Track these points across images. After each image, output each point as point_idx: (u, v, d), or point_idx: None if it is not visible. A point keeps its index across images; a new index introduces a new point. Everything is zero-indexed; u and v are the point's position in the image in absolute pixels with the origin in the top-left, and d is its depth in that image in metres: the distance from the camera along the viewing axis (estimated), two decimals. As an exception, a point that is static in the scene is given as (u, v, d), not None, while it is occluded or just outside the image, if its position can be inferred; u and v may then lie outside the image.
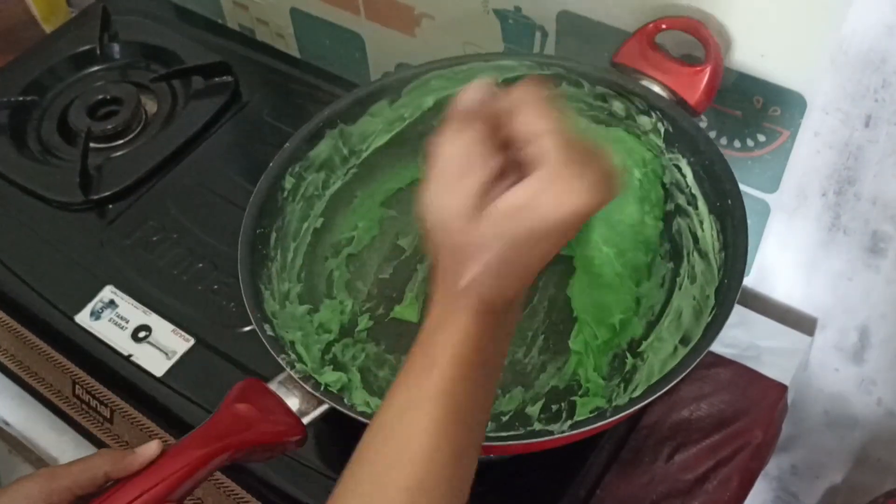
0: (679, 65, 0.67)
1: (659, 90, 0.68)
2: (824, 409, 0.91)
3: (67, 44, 1.00)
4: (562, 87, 0.72)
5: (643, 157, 0.70)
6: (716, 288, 0.62)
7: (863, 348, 0.82)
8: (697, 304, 0.64)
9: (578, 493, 0.70)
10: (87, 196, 0.85)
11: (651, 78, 0.68)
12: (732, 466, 0.74)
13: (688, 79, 0.67)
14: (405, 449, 0.42)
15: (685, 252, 0.69)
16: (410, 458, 0.42)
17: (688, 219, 0.68)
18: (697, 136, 0.66)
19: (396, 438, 0.43)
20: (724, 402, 0.78)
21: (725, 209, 0.63)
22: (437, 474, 0.42)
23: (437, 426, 0.42)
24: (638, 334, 0.68)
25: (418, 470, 0.42)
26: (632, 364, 0.66)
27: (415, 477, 0.41)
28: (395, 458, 0.42)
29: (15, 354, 0.83)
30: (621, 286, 0.69)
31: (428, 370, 0.43)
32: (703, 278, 0.65)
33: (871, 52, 0.61)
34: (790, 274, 0.81)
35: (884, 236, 0.72)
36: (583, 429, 0.55)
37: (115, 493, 0.51)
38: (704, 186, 0.66)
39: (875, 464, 0.92)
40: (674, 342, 0.64)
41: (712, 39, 0.66)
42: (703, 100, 0.67)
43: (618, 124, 0.72)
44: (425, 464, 0.42)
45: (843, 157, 0.69)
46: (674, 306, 0.67)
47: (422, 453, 0.42)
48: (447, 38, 0.85)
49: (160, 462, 0.52)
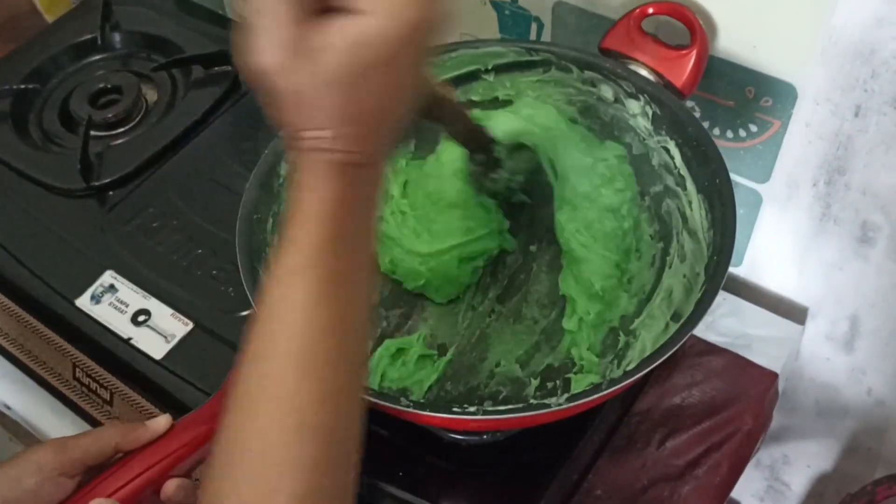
0: (666, 48, 0.68)
1: (646, 74, 0.69)
2: (815, 398, 0.92)
3: (69, 33, 1.01)
4: (551, 72, 0.73)
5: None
6: (705, 265, 0.63)
7: (853, 338, 0.83)
8: (688, 281, 0.65)
9: (570, 476, 0.71)
10: (88, 183, 0.86)
11: (638, 62, 0.69)
12: (723, 452, 0.75)
13: (674, 62, 0.68)
14: (284, 322, 0.41)
15: (674, 232, 0.70)
16: (291, 330, 0.41)
17: (677, 199, 0.69)
18: (685, 118, 0.67)
19: (275, 315, 0.41)
20: (716, 389, 0.79)
21: (713, 188, 0.64)
22: (317, 343, 0.41)
23: (310, 298, 0.41)
24: (630, 312, 0.69)
25: (300, 341, 0.41)
26: (624, 342, 0.67)
27: (297, 346, 0.41)
28: (277, 330, 0.41)
29: (16, 338, 0.84)
30: (593, 255, 0.70)
31: (294, 242, 0.41)
32: (692, 257, 0.66)
33: (861, 43, 0.62)
34: (781, 263, 0.82)
35: (873, 226, 0.73)
36: (579, 401, 0.55)
37: (125, 465, 0.52)
38: (692, 167, 0.67)
39: (865, 453, 0.93)
40: (665, 319, 0.65)
41: (697, 23, 0.67)
42: (690, 82, 0.68)
43: (606, 108, 0.73)
44: (305, 334, 0.41)
45: (834, 147, 0.70)
46: (664, 285, 0.68)
47: (299, 325, 0.41)
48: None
49: (169, 435, 0.53)
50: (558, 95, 0.75)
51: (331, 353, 0.41)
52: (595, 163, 0.73)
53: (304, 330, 0.41)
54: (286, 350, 0.41)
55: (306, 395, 0.40)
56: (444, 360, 0.69)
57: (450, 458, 0.70)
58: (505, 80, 0.76)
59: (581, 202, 0.72)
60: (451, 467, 0.70)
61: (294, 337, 0.41)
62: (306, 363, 0.41)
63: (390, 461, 0.69)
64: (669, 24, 0.69)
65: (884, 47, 0.62)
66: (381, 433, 0.70)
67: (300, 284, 0.41)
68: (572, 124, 0.74)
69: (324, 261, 0.41)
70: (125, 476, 0.51)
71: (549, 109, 0.74)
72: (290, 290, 0.41)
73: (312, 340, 0.41)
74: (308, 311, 0.41)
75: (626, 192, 0.72)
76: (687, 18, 0.67)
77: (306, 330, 0.41)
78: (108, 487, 0.51)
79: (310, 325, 0.41)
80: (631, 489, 0.73)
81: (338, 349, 0.42)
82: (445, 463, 0.70)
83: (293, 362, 0.40)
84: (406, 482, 0.68)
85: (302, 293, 0.41)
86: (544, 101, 0.75)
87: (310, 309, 0.41)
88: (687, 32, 0.68)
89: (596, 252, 0.70)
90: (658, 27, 0.70)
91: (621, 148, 0.73)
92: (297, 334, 0.41)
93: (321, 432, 0.40)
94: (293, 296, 0.41)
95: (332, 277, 0.41)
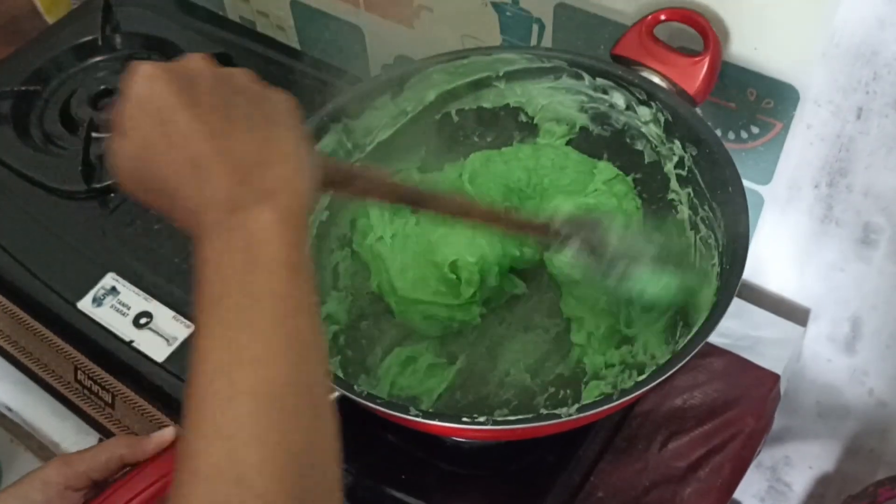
0: (678, 55, 0.68)
1: (659, 81, 0.68)
2: (817, 399, 0.92)
3: (70, 34, 1.01)
4: (563, 79, 0.73)
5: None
6: (718, 273, 0.63)
7: (855, 339, 0.83)
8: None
9: (572, 478, 0.70)
10: (89, 185, 0.86)
11: (651, 69, 0.69)
12: (725, 454, 0.75)
13: (687, 69, 0.67)
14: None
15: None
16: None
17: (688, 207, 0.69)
18: (698, 126, 0.67)
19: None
20: (718, 390, 0.79)
21: (726, 195, 0.64)
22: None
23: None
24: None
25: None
26: (635, 350, 0.67)
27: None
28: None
29: (17, 341, 0.84)
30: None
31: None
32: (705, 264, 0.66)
33: (863, 44, 0.62)
34: (783, 265, 0.82)
35: (875, 228, 0.73)
36: (590, 412, 0.55)
37: (132, 478, 0.52)
38: (705, 175, 0.67)
39: (867, 454, 0.93)
40: (677, 327, 0.65)
41: (711, 29, 0.66)
42: (703, 89, 0.68)
43: (618, 115, 0.73)
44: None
45: (836, 149, 0.70)
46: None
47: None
48: (446, 30, 0.86)
49: (175, 447, 0.53)
50: (570, 102, 0.75)
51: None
52: (582, 199, 0.73)
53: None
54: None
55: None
56: (454, 369, 0.69)
57: (452, 461, 0.70)
58: (516, 87, 0.76)
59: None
60: (454, 470, 0.70)
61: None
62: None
63: (392, 464, 0.69)
64: (680, 30, 0.69)
65: (886, 49, 0.61)
66: (384, 436, 0.70)
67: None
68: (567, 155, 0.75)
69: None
70: (133, 488, 0.51)
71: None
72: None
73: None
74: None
75: (617, 211, 0.72)
76: (700, 25, 0.67)
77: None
78: (117, 501, 0.51)
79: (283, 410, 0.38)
80: (633, 491, 0.72)
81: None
82: (448, 466, 0.70)
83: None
84: (408, 485, 0.68)
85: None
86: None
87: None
88: (691, 34, 0.68)
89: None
90: (670, 33, 0.70)
91: (613, 169, 0.73)
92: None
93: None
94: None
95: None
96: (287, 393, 0.37)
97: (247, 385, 0.37)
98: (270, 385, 0.37)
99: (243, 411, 0.36)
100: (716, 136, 0.66)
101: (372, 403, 0.57)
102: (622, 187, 0.73)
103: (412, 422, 0.56)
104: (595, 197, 0.73)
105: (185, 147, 0.40)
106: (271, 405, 0.37)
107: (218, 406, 0.37)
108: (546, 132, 0.77)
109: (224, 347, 0.38)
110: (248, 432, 0.36)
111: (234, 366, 0.37)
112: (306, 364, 0.39)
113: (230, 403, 0.36)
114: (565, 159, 0.75)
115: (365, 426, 0.70)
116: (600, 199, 0.72)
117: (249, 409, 0.36)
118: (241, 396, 0.37)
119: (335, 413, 0.40)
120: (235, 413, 0.36)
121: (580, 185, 0.74)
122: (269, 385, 0.37)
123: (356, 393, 0.57)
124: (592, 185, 0.73)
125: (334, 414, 0.40)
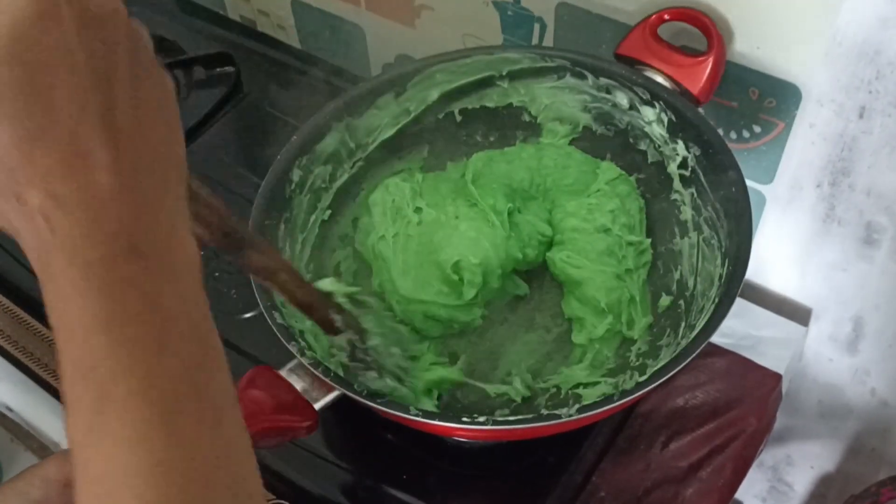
0: (682, 55, 0.68)
1: (662, 81, 0.68)
2: (818, 399, 0.92)
3: (70, 34, 1.01)
4: (566, 78, 0.73)
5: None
6: (720, 274, 0.63)
7: (857, 339, 0.83)
8: (702, 290, 0.65)
9: (574, 478, 0.70)
10: (90, 184, 0.86)
11: (654, 69, 0.69)
12: (726, 454, 0.75)
13: (691, 69, 0.67)
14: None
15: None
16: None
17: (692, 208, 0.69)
18: (701, 126, 0.67)
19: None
20: (719, 390, 0.79)
21: (729, 196, 0.64)
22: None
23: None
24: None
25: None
26: (637, 351, 0.67)
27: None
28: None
29: (17, 341, 0.84)
30: (591, 274, 0.70)
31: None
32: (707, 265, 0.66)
33: (865, 43, 0.62)
34: (785, 264, 0.82)
35: (878, 227, 0.73)
36: (590, 413, 0.55)
37: None
38: (708, 175, 0.67)
39: (869, 454, 0.93)
40: (680, 328, 0.65)
41: (715, 29, 0.66)
42: (707, 89, 0.68)
43: (621, 115, 0.73)
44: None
45: (838, 148, 0.69)
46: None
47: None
48: (447, 29, 0.86)
49: None
50: (573, 102, 0.75)
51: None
52: (585, 199, 0.73)
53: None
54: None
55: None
56: (455, 369, 0.69)
57: (453, 461, 0.70)
58: (519, 86, 0.76)
59: (569, 235, 0.72)
60: (455, 470, 0.70)
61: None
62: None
63: (393, 464, 0.69)
64: (683, 29, 0.69)
65: (889, 48, 0.61)
66: (384, 436, 0.70)
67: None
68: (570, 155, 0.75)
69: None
70: None
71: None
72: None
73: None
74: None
75: (620, 211, 0.72)
76: (704, 25, 0.67)
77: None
78: None
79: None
80: (634, 491, 0.72)
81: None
82: (449, 466, 0.70)
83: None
84: (408, 485, 0.68)
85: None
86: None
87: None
88: (693, 33, 0.68)
89: (592, 270, 0.70)
90: (673, 32, 0.70)
91: (616, 169, 0.73)
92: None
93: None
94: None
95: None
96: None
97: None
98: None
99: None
100: (720, 136, 0.66)
101: (372, 402, 0.57)
102: (625, 187, 0.73)
103: (413, 421, 0.56)
104: (598, 197, 0.72)
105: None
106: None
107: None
108: (549, 132, 0.77)
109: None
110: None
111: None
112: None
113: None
114: (568, 159, 0.75)
115: (365, 426, 0.70)
116: (603, 199, 0.72)
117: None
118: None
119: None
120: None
121: (583, 185, 0.74)
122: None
123: (356, 392, 0.57)
124: (595, 184, 0.73)
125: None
